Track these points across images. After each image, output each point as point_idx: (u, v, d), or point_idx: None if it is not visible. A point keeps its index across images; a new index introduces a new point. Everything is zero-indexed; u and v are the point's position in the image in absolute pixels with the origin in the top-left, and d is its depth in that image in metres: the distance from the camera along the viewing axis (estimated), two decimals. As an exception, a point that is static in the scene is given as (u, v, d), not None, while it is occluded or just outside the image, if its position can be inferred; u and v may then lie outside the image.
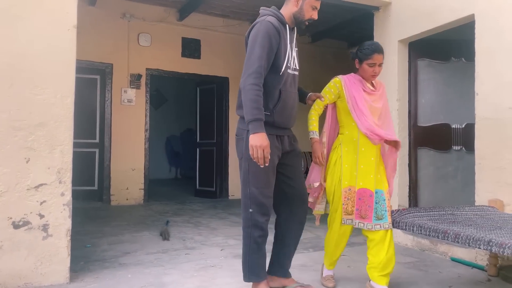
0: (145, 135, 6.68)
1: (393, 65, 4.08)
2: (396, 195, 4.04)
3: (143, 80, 6.63)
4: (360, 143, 2.60)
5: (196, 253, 3.54)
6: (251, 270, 2.37)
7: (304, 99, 2.72)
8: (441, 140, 4.01)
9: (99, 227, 4.60)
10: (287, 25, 2.34)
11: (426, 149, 4.05)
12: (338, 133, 2.76)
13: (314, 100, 2.70)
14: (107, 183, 6.35)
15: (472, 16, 3.29)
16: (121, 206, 6.23)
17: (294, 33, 2.45)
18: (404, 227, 2.56)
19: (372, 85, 2.68)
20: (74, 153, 2.82)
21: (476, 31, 3.26)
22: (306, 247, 3.80)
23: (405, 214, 2.70)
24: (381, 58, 2.58)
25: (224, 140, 7.32)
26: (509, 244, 1.97)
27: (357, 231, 2.77)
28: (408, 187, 4.06)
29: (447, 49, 4.07)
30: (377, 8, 4.29)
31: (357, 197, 2.56)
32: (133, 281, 2.80)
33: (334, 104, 2.74)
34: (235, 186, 7.33)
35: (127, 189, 6.45)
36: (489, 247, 2.04)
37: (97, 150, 6.47)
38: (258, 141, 2.14)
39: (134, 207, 6.19)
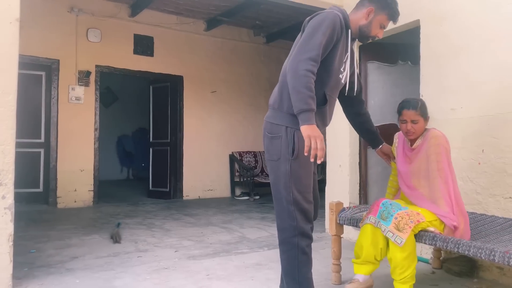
0: (94, 135, 6.44)
1: (344, 67, 4.20)
2: (347, 193, 4.17)
3: (92, 77, 6.38)
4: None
5: (149, 256, 3.46)
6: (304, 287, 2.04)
7: (374, 145, 2.62)
8: (389, 139, 4.14)
9: (45, 231, 4.37)
10: (350, 30, 2.14)
11: (375, 149, 4.20)
12: None
13: (385, 155, 2.62)
14: (53, 185, 6.06)
15: (418, 21, 3.45)
16: (68, 208, 5.96)
17: (354, 44, 2.24)
18: (355, 224, 2.64)
19: (413, 142, 2.46)
20: (17, 153, 2.66)
21: (421, 36, 3.42)
22: (261, 245, 3.83)
23: (356, 212, 2.79)
24: (413, 114, 2.35)
25: (178, 139, 7.22)
26: (452, 239, 2.09)
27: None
28: (358, 185, 4.20)
29: (395, 53, 4.26)
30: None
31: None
32: (81, 287, 2.69)
33: None
34: (189, 186, 7.25)
35: (75, 190, 6.18)
36: (434, 242, 2.16)
37: (42, 150, 6.14)
38: (316, 131, 1.87)
39: (82, 209, 5.95)
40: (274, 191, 2.09)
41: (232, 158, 7.74)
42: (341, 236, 2.84)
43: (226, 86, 7.71)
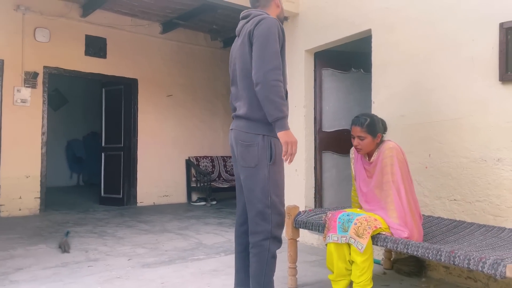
0: (42, 139, 6.12)
1: (300, 74, 4.28)
2: (303, 196, 4.23)
3: (40, 79, 6.08)
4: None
5: (100, 265, 3.33)
6: None
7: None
8: (342, 144, 4.29)
9: (-14, 241, 4.10)
10: None
11: (329, 153, 4.31)
12: None
13: None
14: (-4, 192, 5.70)
15: (370, 31, 3.59)
16: (12, 217, 5.63)
17: None
18: (310, 227, 2.68)
19: (370, 157, 2.54)
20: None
21: (372, 45, 3.55)
22: (217, 251, 3.79)
23: (312, 216, 2.84)
24: (358, 130, 2.46)
25: (132, 144, 7.03)
26: (401, 240, 2.17)
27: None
28: (314, 189, 4.27)
29: (348, 60, 4.40)
30: (285, 18, 4.46)
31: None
32: (26, 300, 2.54)
33: None
34: (144, 192, 7.07)
35: (20, 198, 5.84)
36: (385, 244, 2.24)
37: (-17, 156, 5.77)
38: (292, 137, 2.03)
39: (28, 218, 5.63)
40: (250, 196, 2.16)
41: (188, 163, 7.64)
42: (297, 239, 2.87)
43: (183, 90, 7.61)
